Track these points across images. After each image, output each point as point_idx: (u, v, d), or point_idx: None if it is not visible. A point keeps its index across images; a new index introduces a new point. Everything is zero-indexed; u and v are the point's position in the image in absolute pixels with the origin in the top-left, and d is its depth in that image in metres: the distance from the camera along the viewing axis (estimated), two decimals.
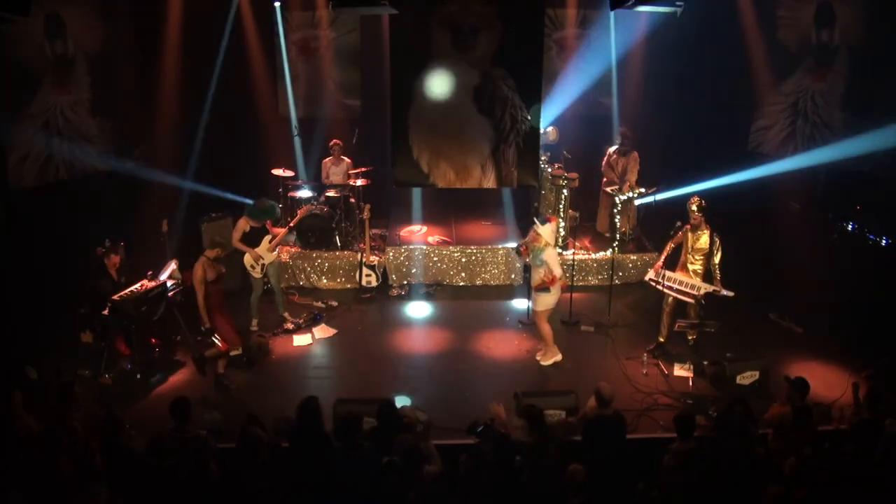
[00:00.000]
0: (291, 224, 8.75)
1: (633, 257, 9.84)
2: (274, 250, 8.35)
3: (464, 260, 9.82)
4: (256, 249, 8.20)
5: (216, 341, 7.18)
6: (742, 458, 5.15)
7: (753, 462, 5.15)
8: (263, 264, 8.27)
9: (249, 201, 8.62)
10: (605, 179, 10.44)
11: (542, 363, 7.73)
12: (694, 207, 7.51)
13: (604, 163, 10.42)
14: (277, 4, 10.99)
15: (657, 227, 9.41)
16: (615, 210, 9.97)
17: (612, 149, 10.36)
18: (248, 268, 8.28)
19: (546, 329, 7.67)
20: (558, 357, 7.74)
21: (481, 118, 9.93)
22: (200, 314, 7.13)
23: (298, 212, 9.07)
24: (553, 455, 5.13)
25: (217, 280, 7.09)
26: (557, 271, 7.34)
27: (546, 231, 7.43)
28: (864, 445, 5.19)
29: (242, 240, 8.18)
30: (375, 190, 10.46)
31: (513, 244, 9.82)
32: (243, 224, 8.22)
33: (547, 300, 7.54)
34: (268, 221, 8.31)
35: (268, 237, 8.26)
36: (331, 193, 10.01)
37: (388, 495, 4.68)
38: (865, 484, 4.94)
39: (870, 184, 8.56)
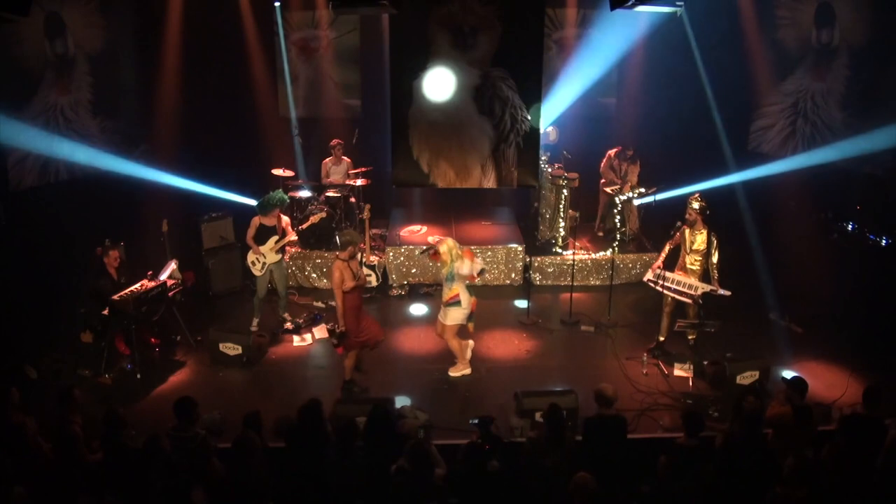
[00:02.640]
0: (302, 228, 8.62)
1: (633, 257, 9.84)
2: (279, 251, 8.32)
3: None
4: (261, 247, 8.21)
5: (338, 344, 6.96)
6: (758, 452, 5.15)
7: (766, 456, 5.15)
8: (265, 263, 8.26)
9: (249, 201, 8.61)
10: (603, 181, 10.44)
11: (451, 374, 7.43)
12: (695, 205, 7.43)
13: (603, 164, 10.42)
14: (277, 4, 10.99)
15: (657, 227, 9.41)
16: (615, 210, 9.97)
17: (614, 151, 10.36)
18: (249, 264, 8.28)
19: (455, 344, 7.38)
20: (467, 371, 7.46)
21: (481, 118, 9.94)
22: (337, 317, 6.85)
23: (311, 218, 8.91)
24: (559, 457, 5.12)
25: (355, 286, 6.80)
26: (464, 298, 7.13)
27: (443, 249, 7.12)
28: (857, 440, 5.16)
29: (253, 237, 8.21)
30: (375, 190, 10.47)
31: (514, 244, 9.83)
32: (255, 221, 8.24)
33: (456, 315, 7.23)
34: (279, 215, 8.29)
35: (274, 238, 8.25)
36: (331, 193, 10.01)
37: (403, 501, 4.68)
38: (867, 486, 4.92)
39: (870, 184, 8.55)
